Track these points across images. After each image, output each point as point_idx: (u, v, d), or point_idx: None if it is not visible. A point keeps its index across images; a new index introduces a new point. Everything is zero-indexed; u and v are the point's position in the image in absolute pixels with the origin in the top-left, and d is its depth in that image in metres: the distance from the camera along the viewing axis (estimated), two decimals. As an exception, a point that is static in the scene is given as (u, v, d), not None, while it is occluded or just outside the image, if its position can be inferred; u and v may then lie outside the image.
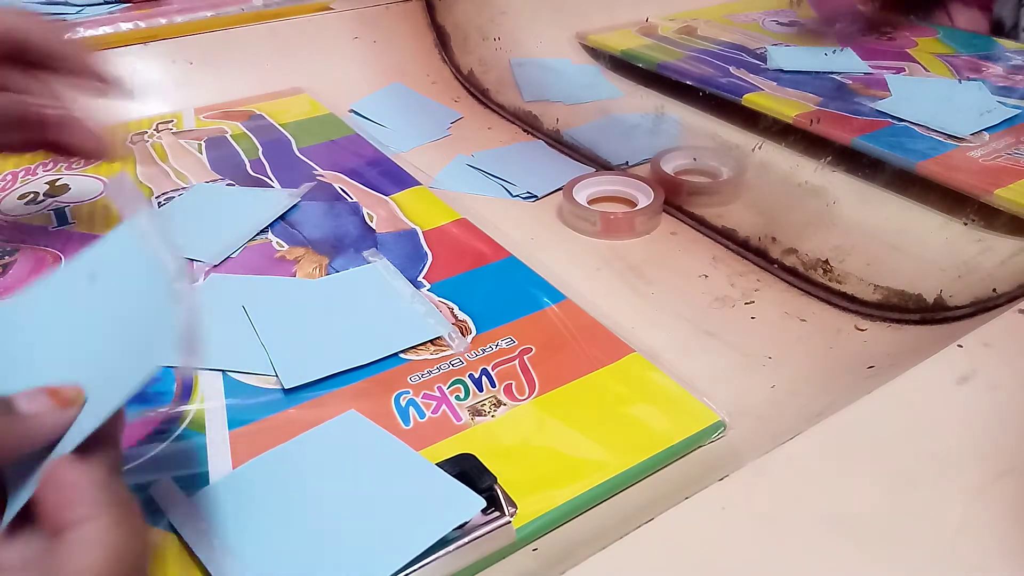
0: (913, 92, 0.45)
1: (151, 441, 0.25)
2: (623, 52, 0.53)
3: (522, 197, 0.41)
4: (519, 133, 0.50)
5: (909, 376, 0.23)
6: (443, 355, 0.29)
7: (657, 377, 0.27)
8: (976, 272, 0.31)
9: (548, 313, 0.31)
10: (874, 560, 0.18)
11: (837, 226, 0.35)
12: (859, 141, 0.39)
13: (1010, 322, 0.25)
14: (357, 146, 0.46)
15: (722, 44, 0.54)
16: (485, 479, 0.22)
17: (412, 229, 0.37)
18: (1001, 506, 0.19)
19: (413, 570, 0.20)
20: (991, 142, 0.39)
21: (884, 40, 0.54)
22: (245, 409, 0.26)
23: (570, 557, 0.20)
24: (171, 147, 0.46)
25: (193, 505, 0.22)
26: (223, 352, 0.29)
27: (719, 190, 0.40)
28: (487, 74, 0.55)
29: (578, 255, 0.36)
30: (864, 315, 0.32)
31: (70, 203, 0.40)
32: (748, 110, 0.44)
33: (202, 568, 0.21)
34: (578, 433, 0.25)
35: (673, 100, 0.47)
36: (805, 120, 0.42)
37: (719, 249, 0.37)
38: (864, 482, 0.20)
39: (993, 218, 0.33)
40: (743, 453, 0.25)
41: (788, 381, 0.28)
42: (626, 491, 0.24)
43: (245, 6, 0.56)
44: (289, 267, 0.34)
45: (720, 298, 0.33)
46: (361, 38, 0.58)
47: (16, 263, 0.35)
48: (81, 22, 0.51)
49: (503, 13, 0.56)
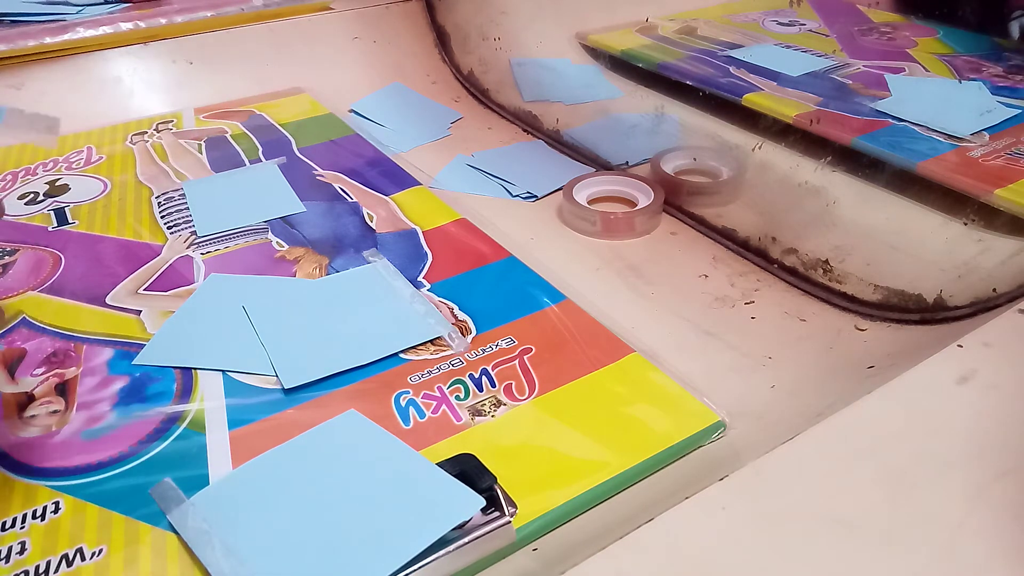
0: (913, 92, 0.45)
1: (151, 441, 0.25)
2: (623, 52, 0.53)
3: (522, 197, 0.41)
4: (519, 133, 0.50)
5: (909, 376, 0.23)
6: (443, 355, 0.29)
7: (657, 377, 0.27)
8: (976, 272, 0.31)
9: (548, 313, 0.31)
10: (874, 560, 0.18)
11: (837, 226, 0.35)
12: (859, 141, 0.39)
13: (1010, 322, 0.25)
14: (357, 146, 0.46)
15: (721, 44, 0.54)
16: (485, 479, 0.22)
17: (412, 229, 0.37)
18: (1001, 506, 0.19)
19: (413, 570, 0.20)
20: (991, 142, 0.39)
21: (884, 40, 0.54)
22: (245, 409, 0.26)
23: (570, 557, 0.20)
24: (171, 147, 0.46)
25: (193, 505, 0.22)
26: (223, 352, 0.29)
27: (719, 190, 0.40)
28: (487, 74, 0.55)
29: (578, 255, 0.36)
30: (864, 315, 0.32)
31: (70, 203, 0.40)
32: (748, 110, 0.44)
33: (202, 568, 0.21)
34: (578, 433, 0.25)
35: (673, 100, 0.47)
36: (805, 120, 0.42)
37: (719, 249, 0.37)
38: (864, 482, 0.20)
39: (993, 218, 0.33)
40: (743, 453, 0.25)
41: (788, 381, 0.28)
42: (626, 491, 0.24)
43: (245, 6, 0.56)
44: (289, 267, 0.34)
45: (720, 298, 0.33)
46: (361, 38, 0.58)
47: (16, 263, 0.35)
48: (81, 22, 0.51)
49: (503, 13, 0.56)
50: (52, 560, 0.21)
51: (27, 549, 0.21)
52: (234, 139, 0.47)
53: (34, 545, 0.22)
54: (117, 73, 0.52)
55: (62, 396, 0.27)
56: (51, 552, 0.21)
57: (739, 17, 0.60)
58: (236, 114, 0.50)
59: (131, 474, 0.24)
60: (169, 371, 0.28)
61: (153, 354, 0.29)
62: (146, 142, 0.46)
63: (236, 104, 0.52)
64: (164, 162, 0.44)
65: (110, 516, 0.22)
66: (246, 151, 0.45)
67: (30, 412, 0.26)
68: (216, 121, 0.49)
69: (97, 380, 0.28)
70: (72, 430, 0.26)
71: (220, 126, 0.48)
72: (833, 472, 0.20)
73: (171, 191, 0.41)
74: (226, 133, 0.47)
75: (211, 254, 0.35)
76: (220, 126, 0.48)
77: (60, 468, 0.24)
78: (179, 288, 0.33)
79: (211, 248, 0.36)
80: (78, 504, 0.23)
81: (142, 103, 0.51)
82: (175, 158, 0.44)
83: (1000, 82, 0.46)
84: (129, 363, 0.28)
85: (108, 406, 0.26)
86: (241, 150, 0.45)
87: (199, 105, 0.51)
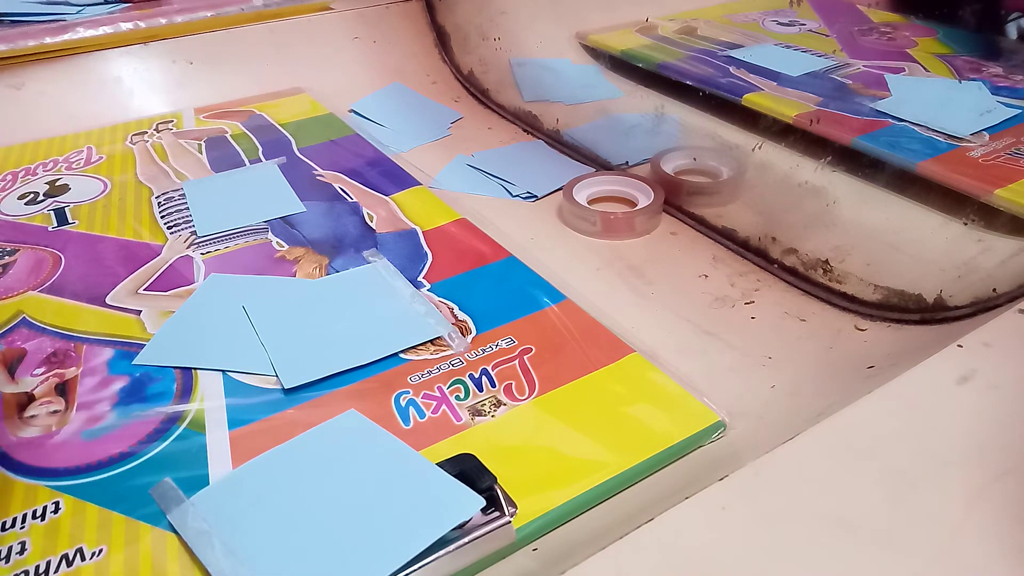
0: (913, 92, 0.45)
1: (151, 441, 0.25)
2: (623, 52, 0.53)
3: (522, 197, 0.41)
4: (519, 133, 0.50)
5: (909, 376, 0.23)
6: (443, 355, 0.29)
7: (657, 377, 0.27)
8: (976, 272, 0.31)
9: (548, 313, 0.31)
10: (874, 560, 0.18)
11: (837, 226, 0.35)
12: (859, 141, 0.39)
13: (1010, 322, 0.25)
14: (357, 146, 0.46)
15: (721, 44, 0.54)
16: (485, 479, 0.22)
17: (412, 229, 0.37)
18: (1001, 506, 0.19)
19: (413, 570, 0.20)
20: (991, 142, 0.39)
21: (884, 40, 0.54)
22: (245, 409, 0.26)
23: (570, 557, 0.20)
24: (171, 147, 0.46)
25: (193, 505, 0.22)
26: (223, 352, 0.29)
27: (719, 190, 0.40)
28: (487, 74, 0.55)
29: (578, 255, 0.36)
30: (864, 315, 0.32)
31: (70, 203, 0.40)
32: (748, 110, 0.44)
33: (202, 568, 0.21)
34: (578, 433, 0.25)
35: (673, 100, 0.47)
36: (805, 120, 0.42)
37: (719, 249, 0.37)
38: (864, 482, 0.20)
39: (993, 218, 0.33)
40: (743, 453, 0.25)
41: (788, 381, 0.28)
42: (626, 491, 0.24)
43: (245, 6, 0.56)
44: (289, 267, 0.34)
45: (720, 298, 0.33)
46: (361, 38, 0.58)
47: (16, 263, 0.35)
48: (81, 22, 0.51)
49: (503, 13, 0.56)
50: (52, 560, 0.21)
51: (27, 549, 0.21)
52: (234, 139, 0.47)
53: (34, 545, 0.22)
54: (117, 73, 0.52)
55: (62, 396, 0.27)
56: (51, 552, 0.21)
57: (739, 17, 0.60)
58: (236, 114, 0.50)
59: (131, 474, 0.24)
60: (169, 371, 0.28)
61: (153, 354, 0.29)
62: (146, 142, 0.46)
63: (236, 104, 0.52)
64: (164, 162, 0.44)
65: (110, 516, 0.22)
66: (246, 151, 0.45)
67: (30, 412, 0.26)
68: (216, 121, 0.49)
69: (97, 380, 0.28)
70: (72, 430, 0.26)
71: (220, 126, 0.48)
72: (833, 472, 0.20)
73: (171, 191, 0.41)
74: (226, 133, 0.47)
75: (211, 254, 0.35)
76: (220, 126, 0.48)
77: (60, 468, 0.24)
78: (179, 288, 0.33)
79: (211, 248, 0.36)
80: (78, 504, 0.23)
81: (142, 103, 0.51)
82: (175, 158, 0.44)
83: (1000, 82, 0.46)
84: (129, 363, 0.28)
85: (108, 406, 0.26)
86: (241, 150, 0.45)
87: (199, 105, 0.51)
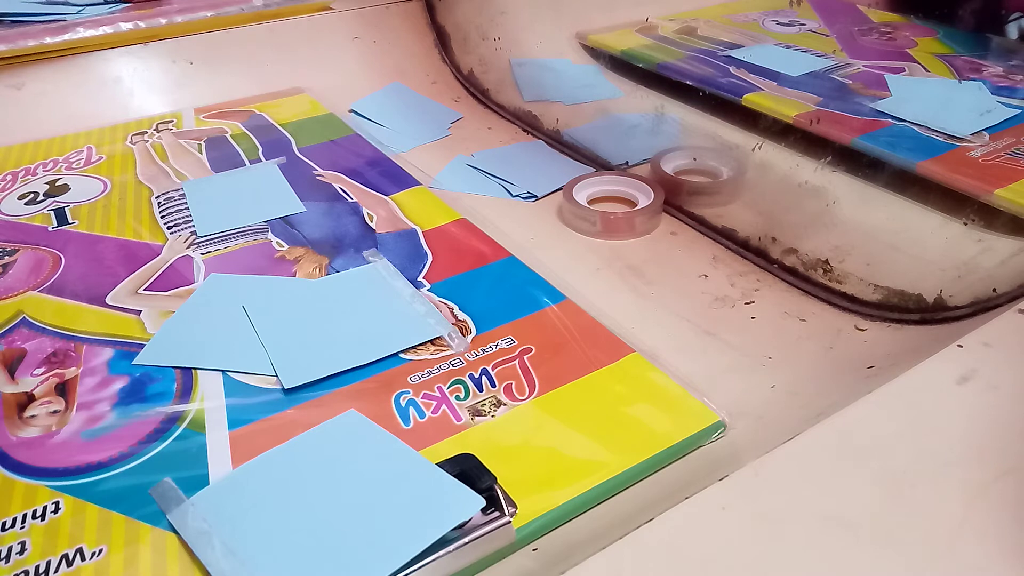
0: (913, 92, 0.45)
1: (151, 441, 0.25)
2: (623, 52, 0.53)
3: (522, 197, 0.41)
4: (519, 133, 0.50)
5: (909, 376, 0.23)
6: (443, 355, 0.29)
7: (657, 377, 0.27)
8: (976, 272, 0.31)
9: (548, 313, 0.31)
10: (874, 560, 0.18)
11: (837, 226, 0.35)
12: (859, 141, 0.39)
13: (1010, 322, 0.25)
14: (357, 146, 0.46)
15: (721, 44, 0.54)
16: (485, 479, 0.22)
17: (412, 229, 0.37)
18: (1001, 506, 0.19)
19: (413, 570, 0.20)
20: (991, 142, 0.39)
21: (884, 40, 0.54)
22: (245, 409, 0.26)
23: (570, 557, 0.20)
24: (171, 147, 0.46)
25: (193, 505, 0.22)
26: (223, 352, 0.29)
27: (719, 190, 0.40)
28: (487, 74, 0.55)
29: (578, 255, 0.36)
30: (864, 315, 0.32)
31: (70, 203, 0.40)
32: (748, 110, 0.44)
33: (202, 568, 0.21)
34: (578, 433, 0.25)
35: (673, 100, 0.47)
36: (805, 120, 0.42)
37: (719, 249, 0.37)
38: (864, 482, 0.20)
39: (993, 218, 0.33)
40: (743, 453, 0.25)
41: (788, 381, 0.28)
42: (626, 491, 0.24)
43: (245, 6, 0.56)
44: (289, 267, 0.34)
45: (720, 298, 0.33)
46: (361, 38, 0.58)
47: (16, 263, 0.35)
48: (81, 22, 0.51)
49: (503, 13, 0.56)
50: (52, 560, 0.21)
51: (27, 549, 0.21)
52: (234, 139, 0.47)
53: (34, 545, 0.22)
54: (117, 73, 0.52)
55: (62, 396, 0.27)
56: (51, 552, 0.21)
57: (739, 17, 0.60)
58: (236, 114, 0.50)
59: (131, 474, 0.24)
60: (169, 371, 0.28)
61: (153, 354, 0.29)
62: (146, 142, 0.46)
63: (236, 104, 0.52)
64: (164, 162, 0.44)
65: (110, 516, 0.22)
66: (246, 151, 0.45)
67: (30, 412, 0.26)
68: (216, 121, 0.49)
69: (97, 380, 0.28)
70: (72, 430, 0.26)
71: (220, 126, 0.48)
72: (833, 472, 0.20)
73: (171, 191, 0.41)
74: (226, 133, 0.47)
75: (211, 254, 0.35)
76: (220, 126, 0.48)
77: (60, 468, 0.24)
78: (179, 288, 0.33)
79: (211, 248, 0.36)
80: (78, 504, 0.23)
81: (142, 103, 0.51)
82: (175, 158, 0.44)
83: (1000, 82, 0.46)
84: (129, 363, 0.28)
85: (108, 406, 0.26)
86: (241, 150, 0.45)
87: (199, 105, 0.51)
